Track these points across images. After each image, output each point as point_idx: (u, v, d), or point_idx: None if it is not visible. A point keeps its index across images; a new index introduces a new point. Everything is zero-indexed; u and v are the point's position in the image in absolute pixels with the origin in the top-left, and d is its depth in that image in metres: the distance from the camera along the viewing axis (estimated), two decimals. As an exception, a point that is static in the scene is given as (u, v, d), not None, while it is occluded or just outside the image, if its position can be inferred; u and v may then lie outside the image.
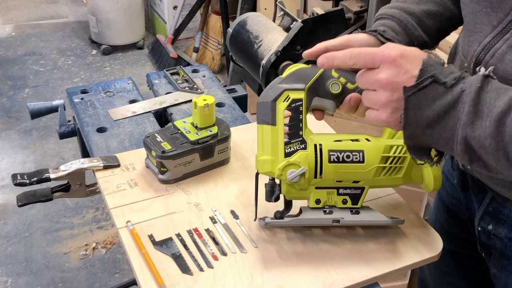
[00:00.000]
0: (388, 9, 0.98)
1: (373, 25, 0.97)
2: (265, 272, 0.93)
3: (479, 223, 1.02)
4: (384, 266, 0.95)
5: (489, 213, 0.99)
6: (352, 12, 2.27)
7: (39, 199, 1.16)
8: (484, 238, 1.02)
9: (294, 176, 0.89)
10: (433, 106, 0.73)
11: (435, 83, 0.73)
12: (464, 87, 0.72)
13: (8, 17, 4.38)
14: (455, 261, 1.20)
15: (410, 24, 0.95)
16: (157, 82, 1.52)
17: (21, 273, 2.27)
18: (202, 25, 3.67)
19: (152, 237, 0.99)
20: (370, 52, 0.78)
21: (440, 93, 0.73)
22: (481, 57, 0.84)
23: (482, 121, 0.70)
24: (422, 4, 0.97)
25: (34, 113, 1.46)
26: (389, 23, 0.95)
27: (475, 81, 0.72)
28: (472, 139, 0.71)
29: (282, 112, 0.90)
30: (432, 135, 0.75)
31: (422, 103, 0.74)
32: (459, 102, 0.72)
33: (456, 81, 0.73)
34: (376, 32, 0.92)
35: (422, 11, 0.96)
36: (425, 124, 0.75)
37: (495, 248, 1.00)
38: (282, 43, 1.09)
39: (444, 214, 1.18)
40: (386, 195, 1.10)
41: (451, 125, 0.73)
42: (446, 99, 0.72)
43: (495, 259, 1.02)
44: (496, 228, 0.98)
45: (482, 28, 0.84)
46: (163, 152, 1.10)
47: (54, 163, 2.85)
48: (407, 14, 0.96)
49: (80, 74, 3.68)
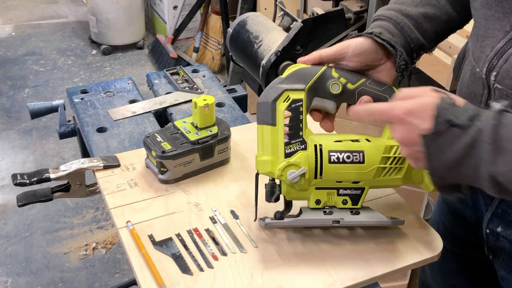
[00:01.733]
0: (386, 11, 0.98)
1: (370, 26, 0.97)
2: (265, 272, 0.93)
3: (488, 225, 1.01)
4: (384, 266, 0.95)
5: (498, 215, 0.99)
6: (352, 12, 2.27)
7: (39, 199, 1.16)
8: (493, 240, 1.02)
9: (294, 176, 0.89)
10: (454, 148, 0.74)
11: (451, 127, 0.74)
12: (481, 125, 0.73)
13: (8, 17, 4.38)
14: (459, 263, 1.19)
15: (407, 26, 0.95)
16: (157, 82, 1.52)
17: (21, 273, 2.27)
18: (202, 25, 3.67)
19: (152, 237, 0.99)
20: (381, 111, 0.83)
21: (458, 135, 0.74)
22: (494, 62, 0.84)
23: (505, 157, 0.71)
24: (419, 6, 0.97)
25: (34, 113, 1.46)
26: (386, 25, 0.95)
27: (491, 118, 0.73)
28: (498, 175, 0.72)
29: (282, 113, 0.90)
30: (458, 175, 0.77)
31: (442, 147, 0.75)
32: (479, 141, 0.73)
33: (472, 120, 0.74)
34: (372, 34, 0.92)
35: (419, 13, 0.96)
36: (449, 166, 0.76)
37: (504, 250, 1.00)
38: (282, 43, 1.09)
39: (448, 215, 1.17)
40: (386, 196, 1.10)
41: (474, 164, 0.74)
42: (465, 140, 0.74)
43: (503, 261, 1.01)
44: (505, 230, 0.98)
45: (495, 33, 0.84)
46: (163, 152, 1.10)
47: (54, 163, 2.85)
48: (404, 16, 0.95)
49: (80, 74, 3.68)
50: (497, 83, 0.84)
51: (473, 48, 0.92)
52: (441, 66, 1.68)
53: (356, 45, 0.92)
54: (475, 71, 0.90)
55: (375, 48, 0.92)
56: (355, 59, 0.92)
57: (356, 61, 0.92)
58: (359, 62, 0.93)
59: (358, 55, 0.92)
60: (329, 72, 0.93)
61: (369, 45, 0.92)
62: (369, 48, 0.92)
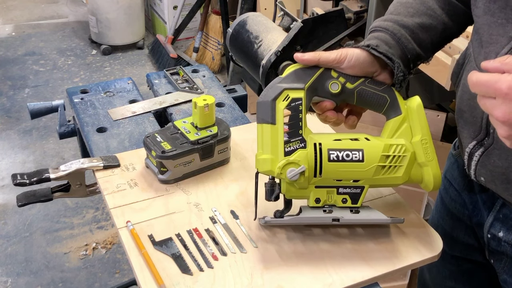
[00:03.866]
0: (382, 22, 0.97)
1: (367, 37, 0.97)
2: (265, 272, 0.93)
3: (489, 230, 1.01)
4: (384, 266, 0.95)
5: (500, 219, 0.99)
6: (352, 12, 2.27)
7: (39, 199, 1.16)
8: (494, 245, 1.01)
9: (294, 174, 0.89)
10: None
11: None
12: None
13: (8, 17, 4.38)
14: (459, 266, 1.19)
15: (404, 37, 0.95)
16: (157, 82, 1.52)
17: (21, 273, 2.27)
18: (202, 25, 3.67)
19: (152, 237, 0.99)
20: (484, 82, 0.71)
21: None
22: None
23: None
24: (416, 17, 0.97)
25: (34, 113, 1.46)
26: (383, 36, 0.94)
27: None
28: None
29: (281, 111, 0.90)
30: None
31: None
32: None
33: None
34: (369, 46, 0.92)
35: (416, 24, 0.96)
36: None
37: (506, 255, 1.00)
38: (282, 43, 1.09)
39: (447, 219, 1.17)
40: (386, 195, 1.10)
41: None
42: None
43: (506, 265, 1.01)
44: (508, 235, 0.98)
45: (498, 39, 0.84)
46: (163, 152, 1.10)
47: (54, 163, 2.85)
48: (401, 27, 0.95)
49: (80, 74, 3.68)
50: None
51: (476, 54, 0.91)
52: (441, 66, 1.68)
53: (352, 57, 0.92)
54: None
55: (371, 60, 0.93)
56: (349, 70, 0.93)
57: (350, 72, 0.93)
58: (354, 73, 0.93)
59: (353, 67, 0.92)
60: (328, 71, 0.93)
61: (364, 58, 0.92)
62: (364, 61, 0.92)
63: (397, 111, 0.95)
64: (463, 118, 0.96)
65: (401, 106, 0.94)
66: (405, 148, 0.93)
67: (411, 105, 0.94)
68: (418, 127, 0.94)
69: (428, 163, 0.93)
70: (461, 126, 0.98)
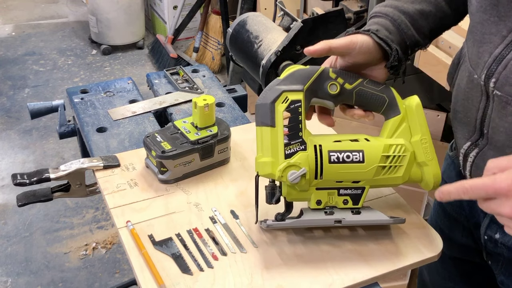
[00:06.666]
0: (383, 7, 0.97)
1: (368, 22, 0.97)
2: (265, 272, 0.93)
3: (486, 231, 1.01)
4: (384, 266, 0.95)
5: (496, 221, 0.98)
6: (352, 12, 2.27)
7: (39, 199, 1.16)
8: (491, 246, 1.01)
9: (295, 177, 0.89)
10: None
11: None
12: None
13: (8, 17, 4.38)
14: (457, 267, 1.19)
15: (404, 23, 0.94)
16: (157, 82, 1.52)
17: (21, 273, 2.27)
18: (202, 25, 3.67)
19: (152, 237, 0.99)
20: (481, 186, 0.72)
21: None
22: (493, 68, 0.83)
23: None
24: (416, 3, 0.96)
25: (34, 113, 1.46)
26: (383, 22, 0.94)
27: None
28: None
29: (281, 114, 0.90)
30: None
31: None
32: None
33: None
34: (369, 31, 0.92)
35: (416, 10, 0.96)
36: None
37: (503, 256, 0.99)
38: (282, 43, 1.09)
39: (445, 220, 1.17)
40: (386, 195, 1.10)
41: None
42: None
43: (502, 266, 1.01)
44: (504, 237, 0.97)
45: (491, 38, 0.83)
46: (163, 152, 1.10)
47: (54, 163, 2.85)
48: (401, 13, 0.95)
49: (80, 74, 3.68)
50: (496, 89, 0.83)
51: (470, 54, 0.91)
52: (441, 66, 1.68)
53: (362, 43, 0.91)
54: (472, 77, 0.89)
55: (376, 47, 0.92)
56: (360, 56, 0.92)
57: (361, 59, 0.92)
58: (364, 59, 0.92)
59: (364, 53, 0.92)
60: (326, 73, 0.93)
61: (370, 44, 0.92)
62: (372, 47, 0.92)
63: (395, 111, 0.95)
64: (457, 118, 0.96)
65: (400, 106, 0.94)
66: (405, 148, 0.93)
67: (410, 105, 0.94)
68: (417, 127, 0.94)
69: (428, 163, 0.93)
70: (456, 127, 0.98)
